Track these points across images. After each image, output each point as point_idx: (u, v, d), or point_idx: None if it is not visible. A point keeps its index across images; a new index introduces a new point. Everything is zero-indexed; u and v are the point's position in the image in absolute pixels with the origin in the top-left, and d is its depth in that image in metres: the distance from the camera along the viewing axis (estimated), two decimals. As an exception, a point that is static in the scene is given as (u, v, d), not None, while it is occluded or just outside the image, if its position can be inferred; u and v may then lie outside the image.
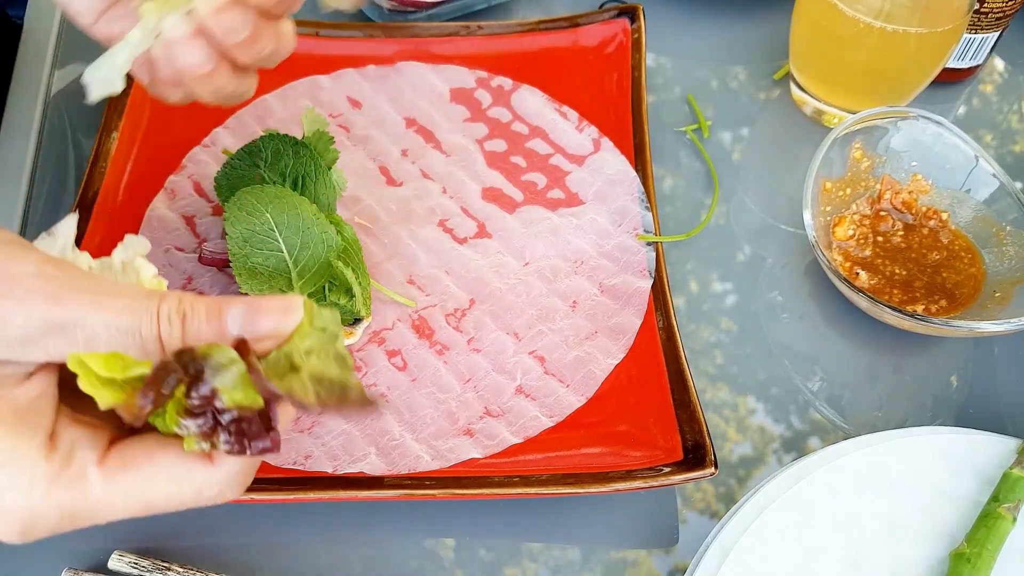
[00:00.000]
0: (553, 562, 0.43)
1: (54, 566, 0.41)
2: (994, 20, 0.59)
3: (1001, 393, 0.50)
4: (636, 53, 0.59)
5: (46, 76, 0.60)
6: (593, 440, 0.44)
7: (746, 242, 0.55)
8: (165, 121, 0.56)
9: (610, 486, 0.41)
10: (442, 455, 0.43)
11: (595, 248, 0.52)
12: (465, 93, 0.59)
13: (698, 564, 0.40)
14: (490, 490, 0.41)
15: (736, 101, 0.63)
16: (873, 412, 0.49)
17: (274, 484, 0.41)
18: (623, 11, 0.61)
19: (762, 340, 0.51)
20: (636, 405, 0.45)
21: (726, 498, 0.45)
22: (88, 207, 0.51)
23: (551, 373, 0.47)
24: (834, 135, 0.52)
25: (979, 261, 0.52)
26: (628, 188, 0.54)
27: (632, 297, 0.49)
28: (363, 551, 0.43)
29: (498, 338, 0.48)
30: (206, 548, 0.42)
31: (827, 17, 0.55)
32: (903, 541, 0.41)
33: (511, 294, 0.50)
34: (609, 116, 0.57)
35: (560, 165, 0.56)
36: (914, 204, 0.53)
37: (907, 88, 0.58)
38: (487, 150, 0.56)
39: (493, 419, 0.45)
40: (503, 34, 0.61)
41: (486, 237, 0.52)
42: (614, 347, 0.47)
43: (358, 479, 0.42)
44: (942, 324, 0.46)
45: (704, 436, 0.42)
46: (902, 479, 0.42)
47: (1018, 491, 0.41)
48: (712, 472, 0.41)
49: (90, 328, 0.29)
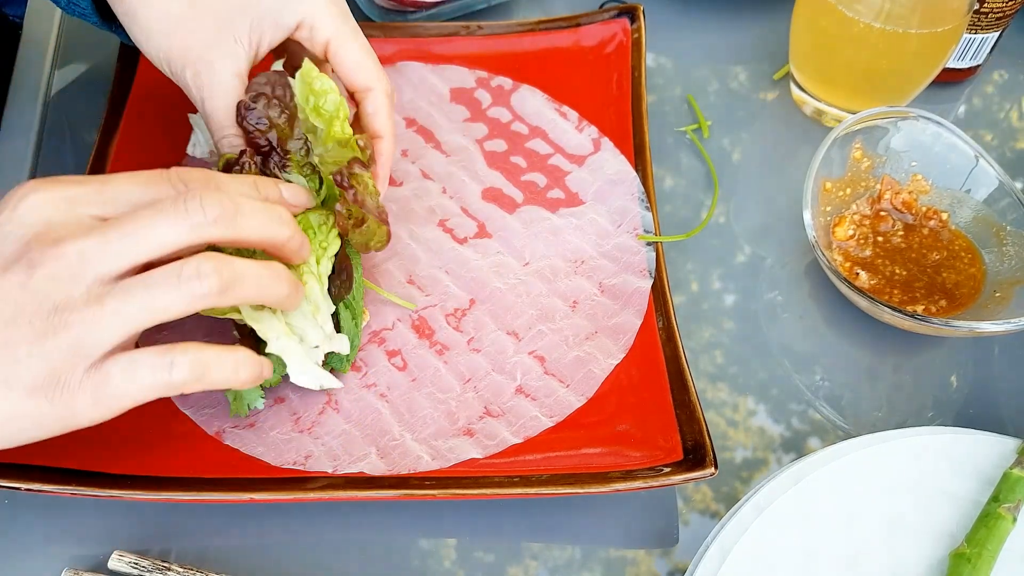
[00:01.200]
0: (553, 562, 0.43)
1: (54, 566, 0.41)
2: (994, 20, 0.59)
3: (1001, 393, 0.50)
4: (636, 53, 0.59)
5: (46, 76, 0.60)
6: (593, 440, 0.44)
7: (746, 242, 0.55)
8: (166, 120, 0.56)
9: (610, 486, 0.41)
10: (442, 455, 0.43)
11: (595, 248, 0.52)
12: (465, 93, 0.59)
13: (698, 564, 0.40)
14: (490, 490, 0.41)
15: (736, 101, 0.63)
16: (873, 412, 0.49)
17: (274, 484, 0.41)
18: (623, 11, 0.61)
19: (762, 340, 0.51)
20: (636, 405, 0.45)
21: (726, 498, 0.45)
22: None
23: (551, 373, 0.47)
24: (834, 135, 0.52)
25: (979, 261, 0.52)
26: (628, 188, 0.54)
27: (632, 297, 0.49)
28: (363, 551, 0.43)
29: (498, 338, 0.48)
30: (206, 548, 0.42)
31: (827, 17, 0.55)
32: (903, 541, 0.41)
33: (511, 294, 0.50)
34: (609, 116, 0.57)
35: (560, 165, 0.56)
36: (914, 204, 0.53)
37: (907, 88, 0.58)
38: (487, 150, 0.56)
39: (493, 419, 0.45)
40: (503, 34, 0.61)
41: (486, 237, 0.52)
42: (614, 347, 0.47)
43: (358, 479, 0.42)
44: (942, 324, 0.46)
45: (704, 436, 0.42)
46: (902, 479, 0.42)
47: (1018, 491, 0.41)
48: (712, 472, 0.41)
49: None
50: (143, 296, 0.34)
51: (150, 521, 0.43)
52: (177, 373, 0.35)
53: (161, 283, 0.34)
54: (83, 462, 0.41)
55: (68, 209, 0.35)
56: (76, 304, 0.33)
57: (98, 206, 0.35)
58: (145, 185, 0.36)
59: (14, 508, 0.43)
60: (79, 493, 0.40)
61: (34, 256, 0.33)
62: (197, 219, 0.35)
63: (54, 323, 0.33)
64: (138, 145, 0.55)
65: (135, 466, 0.42)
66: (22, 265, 0.33)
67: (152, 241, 0.34)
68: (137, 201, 0.36)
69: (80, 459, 0.41)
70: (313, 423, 0.45)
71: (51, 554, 0.42)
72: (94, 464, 0.41)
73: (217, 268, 0.35)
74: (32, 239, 0.34)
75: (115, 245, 0.34)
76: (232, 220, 0.36)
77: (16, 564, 0.42)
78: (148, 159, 0.54)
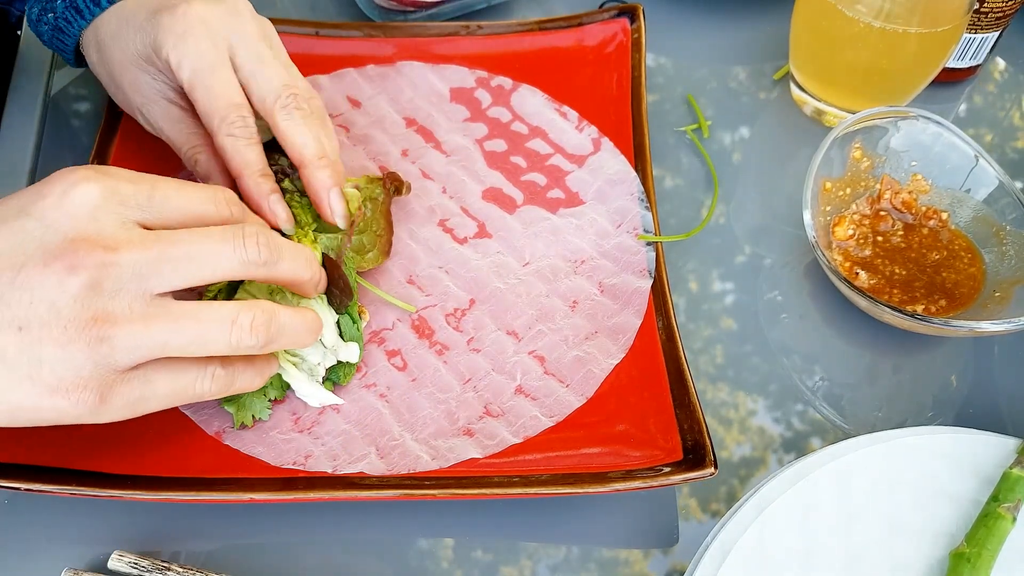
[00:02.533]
0: (552, 561, 0.43)
1: (54, 566, 0.41)
2: (994, 20, 0.59)
3: (1001, 393, 0.50)
4: (636, 53, 0.59)
5: (46, 76, 0.60)
6: (593, 440, 0.44)
7: (746, 242, 0.55)
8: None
9: (610, 486, 0.41)
10: (442, 455, 0.43)
11: (595, 248, 0.52)
12: (465, 93, 0.59)
13: (698, 564, 0.40)
14: (490, 490, 0.41)
15: (736, 101, 0.63)
16: (873, 412, 0.49)
17: (274, 484, 0.41)
18: (623, 11, 0.61)
19: (762, 340, 0.51)
20: (636, 405, 0.45)
21: (726, 498, 0.45)
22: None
23: (551, 373, 0.47)
24: (834, 135, 0.52)
25: (979, 261, 0.52)
26: (628, 188, 0.54)
27: (632, 297, 0.49)
28: (362, 551, 0.43)
29: (498, 338, 0.48)
30: (206, 548, 0.42)
31: (827, 17, 0.55)
32: (903, 541, 0.41)
33: (511, 294, 0.50)
34: (609, 116, 0.57)
35: (560, 165, 0.56)
36: (914, 204, 0.53)
37: (907, 88, 0.58)
38: (487, 150, 0.56)
39: (493, 419, 0.45)
40: (503, 34, 0.61)
41: (486, 237, 0.52)
42: (614, 347, 0.47)
43: (358, 479, 0.42)
44: (942, 324, 0.46)
45: (704, 436, 0.42)
46: (902, 479, 0.42)
47: (1018, 491, 0.41)
48: (712, 472, 0.41)
49: None
50: (194, 330, 0.35)
51: (150, 521, 0.43)
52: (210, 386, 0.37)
53: (214, 323, 0.36)
54: (83, 462, 0.41)
55: (117, 210, 0.35)
56: (118, 318, 0.34)
57: (146, 211, 0.36)
58: (191, 198, 0.37)
59: (14, 508, 0.43)
60: (79, 493, 0.40)
61: (80, 259, 0.33)
62: (251, 257, 0.37)
63: (90, 333, 0.33)
64: (139, 144, 0.55)
65: (135, 466, 0.42)
66: (65, 265, 0.33)
67: (207, 270, 0.36)
68: (184, 214, 0.37)
69: (80, 459, 0.41)
70: (313, 423, 0.45)
71: (51, 554, 0.42)
72: (94, 464, 0.41)
73: (267, 323, 0.37)
74: (79, 238, 0.34)
75: (171, 265, 0.35)
76: (275, 264, 0.38)
77: (16, 564, 0.42)
78: (148, 160, 0.54)
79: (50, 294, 0.33)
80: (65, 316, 0.33)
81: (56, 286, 0.33)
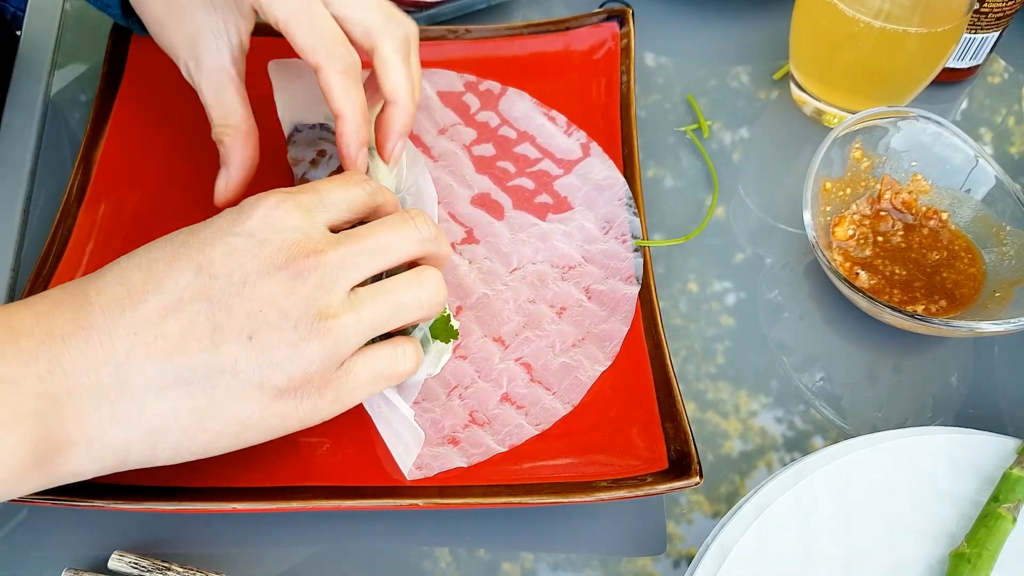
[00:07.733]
0: (551, 561, 0.43)
1: (54, 566, 0.41)
2: (994, 20, 0.59)
3: (1001, 393, 0.50)
4: (625, 58, 0.58)
5: (46, 76, 0.60)
6: (579, 449, 0.44)
7: (746, 242, 0.55)
8: (167, 120, 0.56)
9: (595, 495, 0.40)
10: (426, 464, 0.43)
11: (583, 254, 0.51)
12: (453, 97, 0.58)
13: (698, 564, 0.40)
14: (474, 499, 0.41)
15: (736, 101, 0.63)
16: (873, 412, 0.49)
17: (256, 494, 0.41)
18: (612, 15, 0.60)
19: (762, 340, 0.51)
20: (622, 413, 0.45)
21: (726, 498, 0.45)
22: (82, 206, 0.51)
23: (537, 380, 0.46)
24: (834, 135, 0.52)
25: (979, 261, 0.52)
26: (616, 193, 0.53)
27: (619, 303, 0.48)
28: (357, 555, 0.43)
29: (484, 345, 0.48)
30: (206, 548, 0.42)
31: (827, 17, 0.55)
32: (903, 541, 0.41)
33: (498, 300, 0.49)
34: (598, 121, 0.57)
35: (549, 170, 0.55)
36: (914, 204, 0.53)
37: (907, 88, 0.58)
38: (475, 155, 0.56)
39: (478, 427, 0.45)
40: (491, 38, 0.61)
41: (473, 243, 0.52)
42: (601, 354, 0.47)
43: (342, 489, 0.41)
44: (942, 324, 0.46)
45: (690, 445, 0.42)
46: (902, 479, 0.42)
47: (1018, 491, 0.41)
48: (697, 482, 0.40)
49: None
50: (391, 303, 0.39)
51: (150, 521, 0.43)
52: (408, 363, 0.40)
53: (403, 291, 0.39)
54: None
55: (310, 218, 0.38)
56: (335, 311, 0.37)
57: (325, 211, 0.39)
58: (346, 189, 0.41)
59: (14, 508, 0.43)
60: (78, 504, 0.40)
61: (300, 265, 0.36)
62: (425, 235, 0.41)
63: (317, 328, 0.36)
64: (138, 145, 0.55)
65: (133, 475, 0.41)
66: (288, 273, 0.36)
67: (392, 255, 0.40)
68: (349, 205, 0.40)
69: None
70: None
71: (51, 554, 0.42)
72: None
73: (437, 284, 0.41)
74: (293, 247, 0.37)
75: (365, 257, 0.38)
76: (440, 239, 0.42)
77: (16, 564, 0.42)
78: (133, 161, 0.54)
79: (278, 300, 0.36)
80: (294, 317, 0.36)
81: (283, 292, 0.36)
